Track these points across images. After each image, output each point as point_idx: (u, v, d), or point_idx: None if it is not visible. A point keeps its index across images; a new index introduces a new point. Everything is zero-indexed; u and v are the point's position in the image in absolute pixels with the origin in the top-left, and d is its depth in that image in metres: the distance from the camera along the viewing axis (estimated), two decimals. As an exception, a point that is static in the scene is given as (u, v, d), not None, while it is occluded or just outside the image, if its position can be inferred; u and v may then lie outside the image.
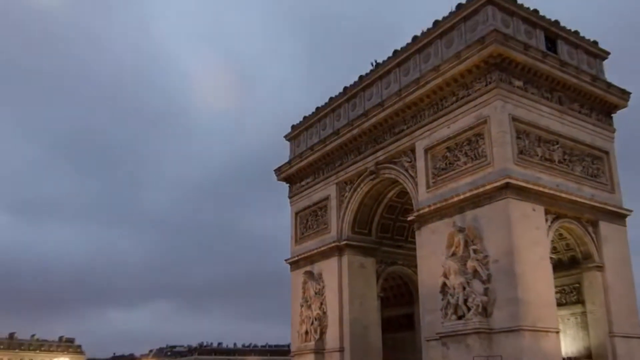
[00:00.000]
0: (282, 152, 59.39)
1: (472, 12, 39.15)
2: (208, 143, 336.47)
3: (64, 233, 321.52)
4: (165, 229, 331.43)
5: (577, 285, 40.76)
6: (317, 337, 49.42)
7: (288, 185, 58.23)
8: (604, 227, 40.16)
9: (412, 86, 42.23)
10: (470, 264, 35.99)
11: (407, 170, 43.65)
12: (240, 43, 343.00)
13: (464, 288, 35.86)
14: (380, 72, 47.09)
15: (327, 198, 52.21)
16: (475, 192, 36.82)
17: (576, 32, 42.84)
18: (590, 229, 39.89)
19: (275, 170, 58.73)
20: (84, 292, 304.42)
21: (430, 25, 42.28)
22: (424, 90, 41.23)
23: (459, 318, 35.86)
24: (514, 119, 37.15)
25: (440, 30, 41.39)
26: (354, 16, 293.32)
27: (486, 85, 37.60)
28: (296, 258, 54.42)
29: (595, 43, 44.11)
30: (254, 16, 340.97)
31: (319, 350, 48.75)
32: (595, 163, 41.51)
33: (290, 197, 57.73)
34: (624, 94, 43.57)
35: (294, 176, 56.91)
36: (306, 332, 50.75)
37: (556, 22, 41.72)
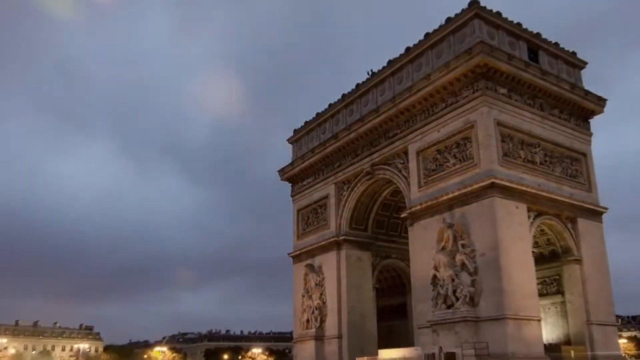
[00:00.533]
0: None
1: (460, 25, 39.30)
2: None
3: (168, 187, 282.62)
4: (266, 202, 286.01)
5: (557, 277, 40.93)
6: (317, 325, 49.56)
7: (291, 185, 58.36)
8: (582, 223, 40.29)
9: (405, 93, 42.36)
10: (458, 257, 36.12)
11: (400, 171, 43.79)
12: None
13: (453, 280, 35.99)
14: (375, 80, 47.25)
15: (326, 197, 52.35)
16: (463, 191, 36.94)
17: (556, 44, 42.92)
18: (569, 225, 40.01)
19: (279, 171, 58.80)
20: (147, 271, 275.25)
21: (422, 37, 42.51)
22: (416, 97, 41.36)
23: (448, 307, 35.97)
24: (499, 123, 37.29)
25: (431, 41, 41.51)
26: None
27: (473, 92, 37.71)
28: (298, 252, 54.53)
29: (573, 54, 44.18)
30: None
31: (319, 337, 48.93)
32: (574, 164, 41.62)
33: (292, 196, 57.78)
34: (601, 101, 43.71)
35: (296, 176, 57.02)
36: (307, 321, 50.90)
37: (538, 35, 41.80)
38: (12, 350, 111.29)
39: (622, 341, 77.79)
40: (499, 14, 39.50)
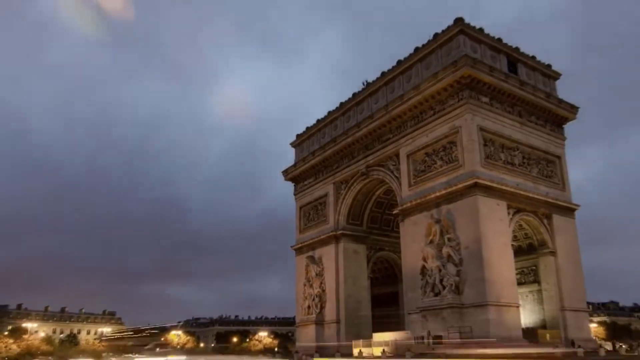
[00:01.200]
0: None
1: (446, 40, 39.38)
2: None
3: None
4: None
5: (534, 267, 40.96)
6: (317, 311, 49.63)
7: (293, 184, 58.39)
8: (557, 219, 40.33)
9: (396, 102, 42.43)
10: (445, 249, 36.18)
11: (392, 172, 43.85)
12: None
13: (440, 270, 36.05)
14: (370, 90, 47.35)
15: (326, 195, 52.42)
16: (449, 190, 37.01)
17: (533, 57, 42.96)
18: (545, 220, 40.06)
19: (282, 172, 58.82)
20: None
21: (412, 50, 42.62)
22: (407, 105, 41.43)
23: (436, 295, 36.01)
24: (482, 129, 37.35)
25: (420, 55, 41.61)
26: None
27: (458, 101, 37.77)
28: (300, 245, 54.58)
29: (549, 66, 44.20)
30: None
31: (319, 322, 49.03)
32: (549, 166, 41.66)
33: (295, 194, 57.81)
34: (573, 108, 43.74)
35: (298, 177, 57.07)
36: (308, 307, 50.96)
37: (517, 49, 41.84)
38: (41, 334, 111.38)
39: (593, 325, 77.66)
40: (481, 30, 39.55)
